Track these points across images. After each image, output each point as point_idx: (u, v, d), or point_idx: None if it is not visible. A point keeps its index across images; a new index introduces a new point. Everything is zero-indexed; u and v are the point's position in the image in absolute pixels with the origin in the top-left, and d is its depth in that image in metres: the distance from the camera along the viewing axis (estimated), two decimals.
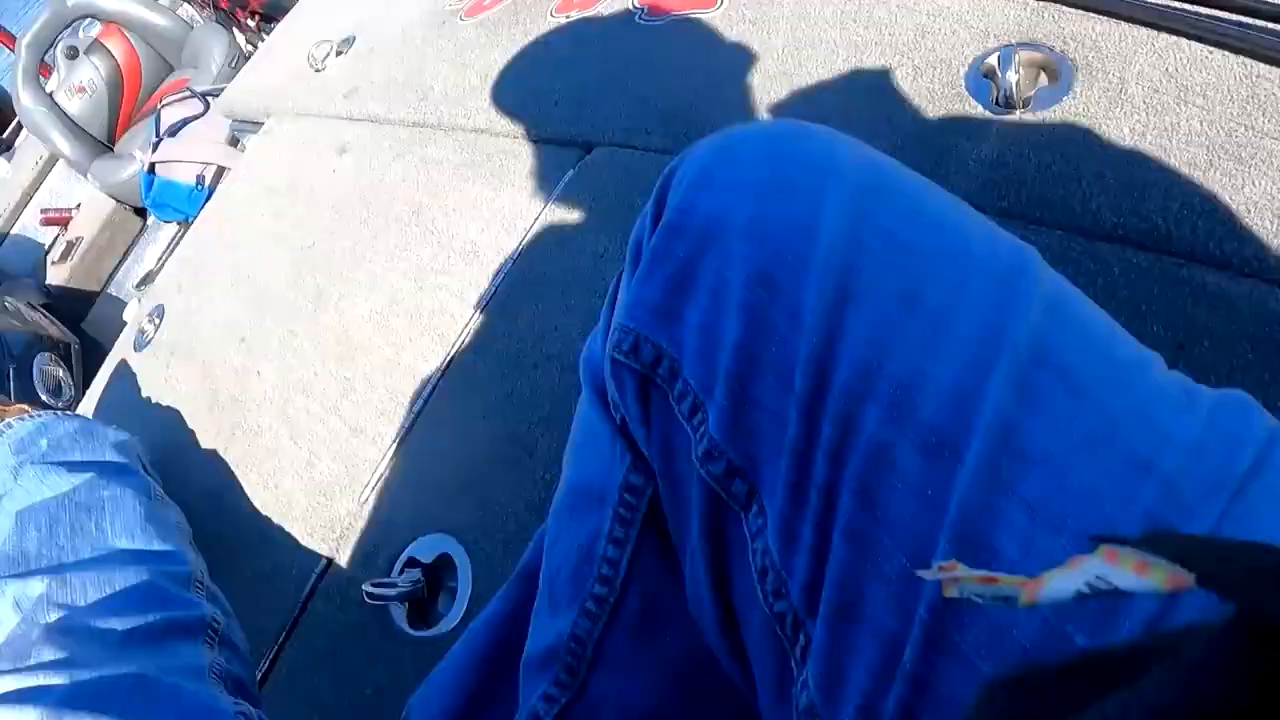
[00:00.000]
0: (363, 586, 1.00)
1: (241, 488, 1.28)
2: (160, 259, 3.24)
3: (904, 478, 0.41)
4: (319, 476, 1.18)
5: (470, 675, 0.72)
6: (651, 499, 0.58)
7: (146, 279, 3.19)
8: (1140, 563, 0.24)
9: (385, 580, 1.00)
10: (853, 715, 0.41)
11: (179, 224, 3.13)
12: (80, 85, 3.57)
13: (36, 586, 0.94)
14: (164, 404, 1.54)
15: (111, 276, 3.51)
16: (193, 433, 1.43)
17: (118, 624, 0.86)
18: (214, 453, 1.36)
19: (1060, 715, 0.22)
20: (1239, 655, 0.20)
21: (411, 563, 1.01)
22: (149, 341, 1.67)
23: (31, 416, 1.30)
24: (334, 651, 1.04)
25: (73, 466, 1.16)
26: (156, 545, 1.06)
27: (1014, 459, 0.39)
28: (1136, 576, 0.24)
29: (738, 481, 0.49)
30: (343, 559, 1.09)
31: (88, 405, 1.73)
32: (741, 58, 1.12)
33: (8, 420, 1.29)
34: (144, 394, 1.60)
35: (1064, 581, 0.26)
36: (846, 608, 0.42)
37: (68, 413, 1.35)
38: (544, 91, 1.32)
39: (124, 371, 1.69)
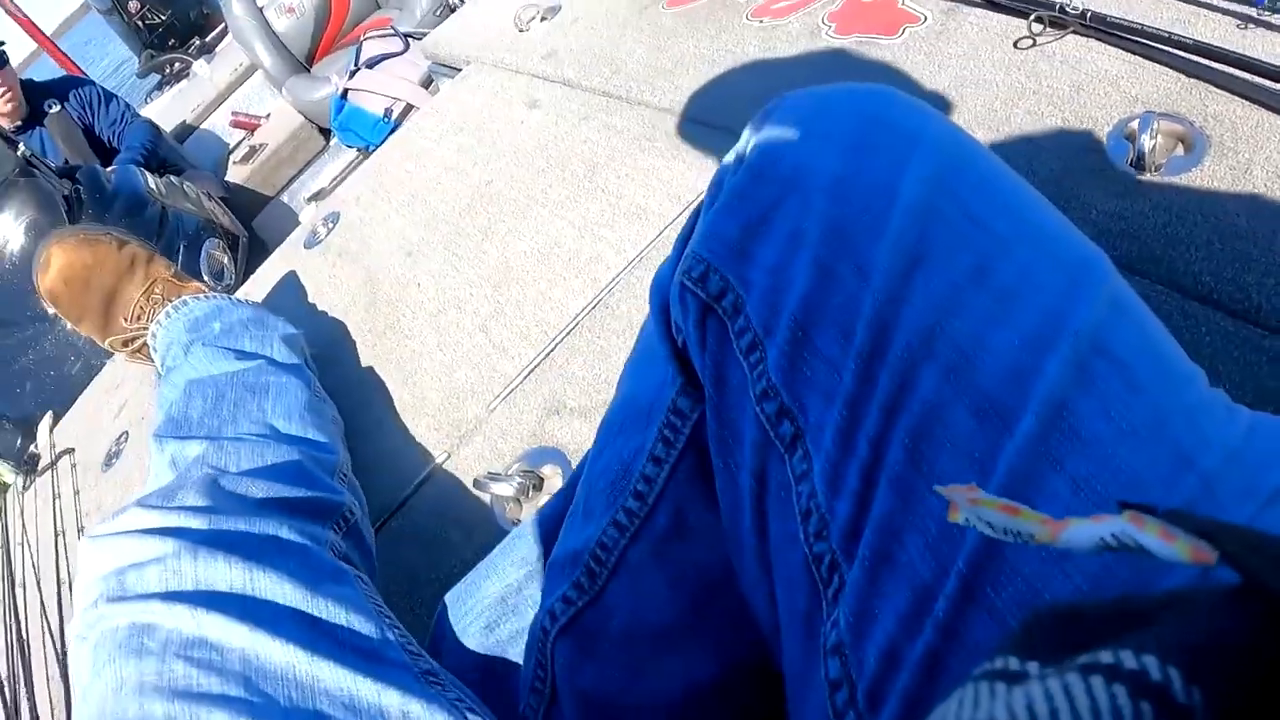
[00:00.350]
0: (475, 476, 1.11)
1: (381, 380, 1.40)
2: (335, 179, 3.43)
3: (954, 438, 0.42)
4: (456, 382, 1.30)
5: (508, 573, 0.78)
6: (696, 424, 0.59)
7: (319, 194, 3.38)
8: (1165, 531, 0.25)
9: (496, 473, 1.09)
10: (876, 656, 0.43)
11: (359, 150, 3.32)
12: (290, 6, 3.79)
13: (194, 448, 1.01)
14: (323, 296, 1.68)
15: (286, 186, 3.74)
16: (345, 326, 1.56)
17: (260, 490, 0.91)
18: (362, 347, 1.49)
19: (1098, 644, 0.23)
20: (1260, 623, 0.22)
21: (524, 470, 1.10)
22: (319, 242, 1.84)
23: (208, 297, 1.37)
24: (434, 532, 1.14)
25: (242, 354, 1.22)
26: (312, 434, 1.12)
27: (1065, 435, 0.40)
28: (1161, 541, 0.25)
29: (786, 423, 0.50)
30: (460, 456, 1.19)
31: (250, 287, 1.90)
32: (910, 85, 1.19)
33: (184, 297, 1.36)
34: (305, 285, 1.76)
35: (1087, 529, 0.27)
36: (885, 553, 0.43)
37: (242, 300, 1.42)
38: (727, 84, 1.41)
39: (290, 263, 1.86)
